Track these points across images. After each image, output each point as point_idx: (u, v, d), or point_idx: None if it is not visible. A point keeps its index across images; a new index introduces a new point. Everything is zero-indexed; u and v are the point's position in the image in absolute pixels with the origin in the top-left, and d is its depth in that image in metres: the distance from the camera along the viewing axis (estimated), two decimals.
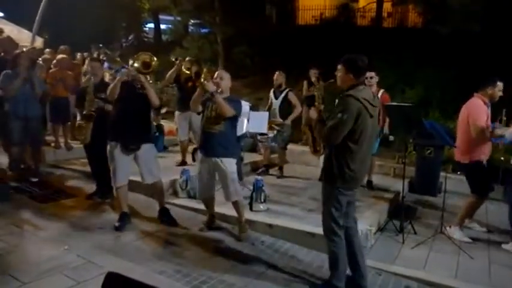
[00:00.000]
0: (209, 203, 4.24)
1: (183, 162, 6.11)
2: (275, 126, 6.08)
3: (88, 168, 5.19)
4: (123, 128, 4.00)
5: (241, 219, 4.10)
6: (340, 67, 3.02)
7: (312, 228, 3.96)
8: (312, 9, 16.34)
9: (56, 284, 2.99)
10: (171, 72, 5.94)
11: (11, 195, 4.77)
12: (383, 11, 14.76)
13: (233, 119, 3.88)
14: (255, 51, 12.91)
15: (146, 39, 18.80)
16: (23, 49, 6.27)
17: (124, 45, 17.93)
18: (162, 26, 18.84)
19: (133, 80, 3.98)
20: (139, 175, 4.24)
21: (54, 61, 6.72)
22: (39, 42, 8.92)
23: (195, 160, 5.64)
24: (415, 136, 5.74)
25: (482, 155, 4.26)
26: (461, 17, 8.82)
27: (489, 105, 4.25)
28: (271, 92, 6.35)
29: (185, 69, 5.86)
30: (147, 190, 4.75)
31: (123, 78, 3.91)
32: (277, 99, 6.19)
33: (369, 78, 5.07)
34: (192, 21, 15.18)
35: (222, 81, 3.89)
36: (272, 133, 6.11)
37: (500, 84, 4.24)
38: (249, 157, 6.70)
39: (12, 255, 3.42)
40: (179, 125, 6.19)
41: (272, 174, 6.35)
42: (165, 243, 3.87)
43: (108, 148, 4.09)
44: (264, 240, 4.05)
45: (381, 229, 4.53)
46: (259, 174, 6.02)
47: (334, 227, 3.05)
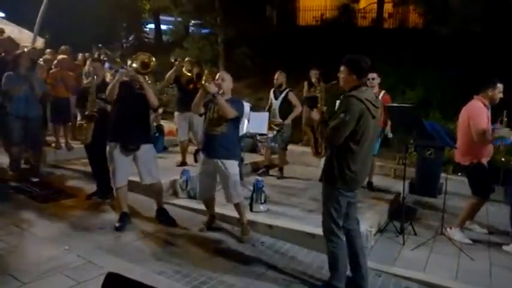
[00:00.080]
0: (210, 203, 4.25)
1: (183, 163, 6.12)
2: (275, 127, 6.08)
3: (88, 169, 5.20)
4: (122, 128, 4.00)
5: (243, 221, 4.10)
6: (343, 68, 3.01)
7: (312, 229, 3.96)
8: (312, 10, 16.35)
9: (56, 284, 2.99)
10: (170, 72, 5.94)
11: (11, 195, 4.78)
12: (384, 12, 14.78)
13: (235, 120, 3.87)
14: (255, 52, 12.89)
15: (147, 40, 18.81)
16: (24, 49, 6.28)
17: (124, 45, 17.94)
18: (163, 26, 18.86)
19: (132, 80, 3.98)
20: (138, 175, 4.23)
21: (54, 61, 6.73)
22: (40, 42, 8.93)
23: (196, 161, 5.65)
24: (415, 137, 5.74)
25: (483, 157, 4.25)
26: (462, 18, 8.82)
27: (489, 107, 4.24)
28: (271, 92, 6.34)
29: (186, 70, 5.87)
30: (147, 190, 4.74)
31: (121, 78, 3.91)
32: (277, 99, 6.18)
33: (370, 79, 5.05)
34: (192, 22, 15.16)
35: (224, 82, 3.88)
36: (272, 133, 6.11)
37: (501, 86, 4.23)
38: (249, 157, 6.69)
39: (13, 255, 3.42)
40: (179, 125, 6.20)
41: (272, 175, 6.34)
42: (165, 244, 3.87)
43: (108, 149, 4.09)
44: (264, 241, 4.05)
45: (381, 230, 4.53)
46: (259, 174, 6.02)
47: (334, 227, 3.05)
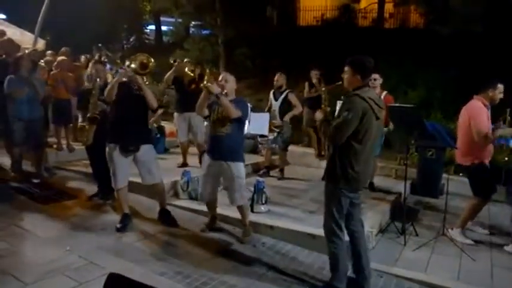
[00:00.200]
0: (212, 205, 4.24)
1: (184, 164, 6.12)
2: (275, 128, 6.08)
3: (90, 170, 5.20)
4: (121, 129, 3.99)
5: (246, 223, 4.09)
6: (348, 68, 3.02)
7: (313, 229, 3.96)
8: (313, 10, 16.35)
9: (57, 284, 3.00)
10: (169, 73, 5.94)
11: (13, 196, 4.79)
12: (384, 12, 14.79)
13: (240, 121, 3.85)
14: (256, 53, 12.91)
15: (147, 41, 18.86)
16: (25, 51, 6.28)
17: (125, 46, 17.98)
18: (163, 27, 18.91)
19: (130, 81, 3.97)
20: (139, 176, 4.24)
21: (54, 63, 6.74)
22: (41, 44, 8.92)
23: (201, 163, 5.59)
24: (416, 137, 5.72)
25: (485, 157, 4.23)
26: (463, 18, 8.82)
27: (489, 107, 4.23)
28: (271, 93, 6.34)
29: (189, 71, 5.87)
30: (148, 191, 4.75)
31: (120, 79, 3.90)
32: (277, 100, 6.18)
33: (372, 80, 5.04)
34: (193, 23, 15.18)
35: (227, 83, 3.88)
36: (272, 135, 6.12)
37: (501, 87, 4.21)
38: (249, 158, 6.68)
39: (14, 256, 3.43)
40: (178, 126, 6.20)
41: (273, 176, 6.33)
42: (166, 245, 3.88)
43: (107, 150, 4.07)
44: (265, 242, 4.05)
45: (382, 231, 4.52)
46: (260, 175, 6.02)
47: (335, 228, 3.05)
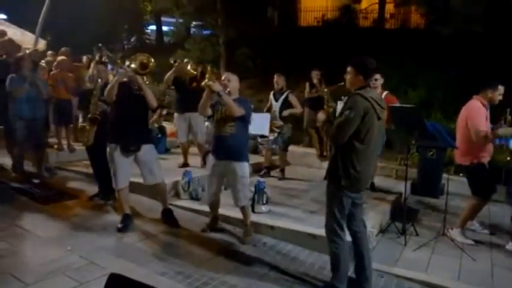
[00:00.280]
0: (215, 205, 4.24)
1: (185, 164, 6.12)
2: (275, 129, 6.09)
3: (90, 170, 5.20)
4: (122, 129, 3.98)
5: (247, 223, 4.10)
6: (350, 69, 3.04)
7: (313, 230, 3.97)
8: (313, 10, 16.36)
9: (58, 285, 3.00)
10: (169, 74, 5.94)
11: (13, 196, 4.79)
12: (385, 12, 14.79)
13: (244, 120, 3.85)
14: (256, 53, 12.91)
15: (148, 41, 18.86)
16: (26, 51, 6.29)
17: (126, 47, 17.98)
18: (164, 28, 18.89)
19: (130, 81, 3.97)
20: (140, 176, 4.24)
21: (54, 63, 6.75)
22: (41, 44, 8.92)
23: (205, 163, 5.58)
24: (417, 138, 5.72)
25: (483, 157, 4.22)
26: (464, 18, 8.82)
27: (488, 107, 4.23)
28: (271, 94, 6.35)
29: (192, 69, 5.87)
30: (149, 192, 4.76)
31: (120, 79, 3.90)
32: (277, 101, 6.19)
33: (373, 80, 5.04)
34: (194, 23, 15.18)
35: (230, 83, 3.88)
36: (273, 135, 6.12)
37: (501, 88, 4.21)
38: (250, 159, 6.64)
39: (15, 256, 3.43)
40: (178, 126, 6.20)
41: (274, 176, 6.34)
42: (167, 245, 3.88)
43: (108, 150, 4.07)
44: (266, 242, 4.05)
45: (382, 231, 4.52)
46: (261, 176, 6.02)
47: (337, 228, 3.05)
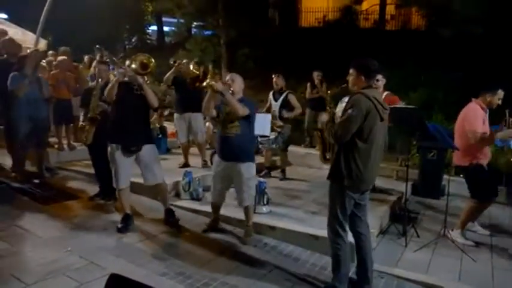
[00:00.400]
0: (218, 206, 4.23)
1: (185, 164, 6.12)
2: (276, 128, 6.08)
3: (91, 170, 5.20)
4: (122, 129, 3.98)
5: (249, 223, 4.10)
6: (352, 71, 3.07)
7: (314, 230, 3.97)
8: (314, 11, 16.38)
9: (59, 285, 3.00)
10: (169, 74, 5.94)
11: (14, 196, 4.79)
12: (386, 14, 14.79)
13: (248, 120, 3.86)
14: (257, 54, 12.91)
15: (149, 42, 18.87)
16: (27, 51, 6.29)
17: (127, 47, 18.00)
18: (165, 28, 18.91)
19: (130, 81, 3.97)
20: (140, 176, 4.24)
21: (54, 63, 6.75)
22: (42, 44, 8.92)
23: (211, 163, 5.57)
24: (418, 138, 5.73)
25: (482, 158, 4.21)
26: (465, 20, 8.80)
27: (487, 110, 4.22)
28: (271, 94, 6.35)
29: (194, 69, 5.87)
30: (149, 192, 4.76)
31: (120, 79, 3.90)
32: (276, 101, 6.18)
33: (375, 80, 5.04)
34: (195, 23, 15.19)
35: (234, 83, 3.88)
36: (273, 135, 6.12)
37: (501, 93, 4.19)
38: None
39: (15, 256, 3.43)
40: (178, 127, 6.21)
41: (275, 177, 6.33)
42: (168, 245, 3.88)
43: (109, 150, 4.07)
44: (267, 243, 4.05)
45: (383, 232, 4.52)
46: (262, 176, 6.01)
47: (339, 229, 3.05)
